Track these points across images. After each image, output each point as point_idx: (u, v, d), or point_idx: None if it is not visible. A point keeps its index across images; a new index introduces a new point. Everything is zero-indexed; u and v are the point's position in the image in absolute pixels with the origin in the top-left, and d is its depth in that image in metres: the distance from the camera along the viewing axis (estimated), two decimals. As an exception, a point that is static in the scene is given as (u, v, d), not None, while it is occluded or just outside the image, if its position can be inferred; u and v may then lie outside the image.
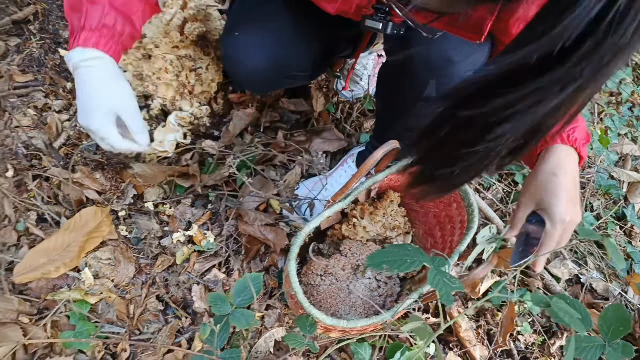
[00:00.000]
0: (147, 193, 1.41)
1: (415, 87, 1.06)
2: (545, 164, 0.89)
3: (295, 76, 1.31)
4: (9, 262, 1.24)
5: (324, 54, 1.34)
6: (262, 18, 1.19)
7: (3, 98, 1.42)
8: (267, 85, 1.36)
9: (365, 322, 0.99)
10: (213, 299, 0.91)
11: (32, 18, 1.53)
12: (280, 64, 1.20)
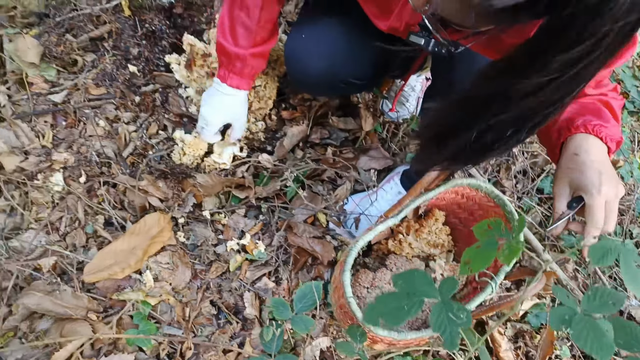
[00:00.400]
0: (206, 202, 1.49)
1: None
2: (566, 149, 0.91)
3: (350, 83, 1.38)
4: (79, 262, 1.33)
5: (378, 67, 1.40)
6: (324, 25, 1.28)
7: (79, 109, 1.54)
8: (323, 88, 1.44)
9: (415, 334, 1.03)
10: (275, 303, 0.97)
11: (106, 36, 1.66)
12: (336, 68, 1.29)
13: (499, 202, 1.24)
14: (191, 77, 1.58)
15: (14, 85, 1.58)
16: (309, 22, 1.31)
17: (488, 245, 0.72)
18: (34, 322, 1.24)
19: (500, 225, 0.77)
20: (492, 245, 0.71)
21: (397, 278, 0.79)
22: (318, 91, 1.56)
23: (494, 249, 0.70)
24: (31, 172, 1.42)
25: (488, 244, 0.73)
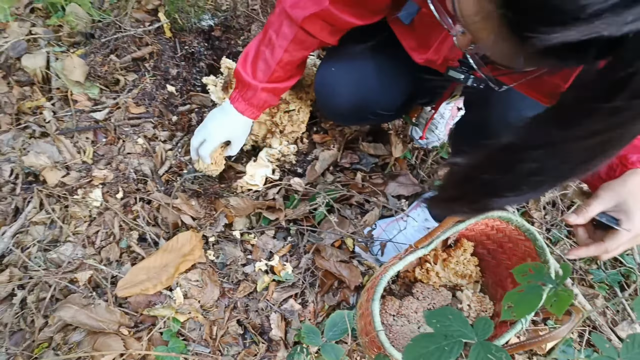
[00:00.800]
0: (236, 222, 1.52)
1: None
2: (636, 175, 0.87)
3: (378, 114, 1.40)
4: (113, 276, 1.37)
5: (407, 98, 1.42)
6: (355, 57, 1.31)
7: (119, 127, 1.59)
8: (352, 119, 1.49)
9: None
10: (307, 330, 0.98)
11: (148, 57, 1.72)
12: (365, 101, 1.32)
13: (529, 236, 1.24)
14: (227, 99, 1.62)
15: (58, 101, 1.65)
16: (339, 54, 1.33)
17: (532, 291, 0.72)
18: (68, 333, 1.28)
19: (543, 270, 0.77)
20: (536, 290, 0.71)
21: (431, 317, 0.79)
22: (347, 122, 1.60)
23: (538, 295, 0.70)
24: (72, 187, 1.47)
25: (532, 289, 0.73)
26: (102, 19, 1.74)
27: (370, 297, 1.13)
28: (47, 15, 1.86)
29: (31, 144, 1.54)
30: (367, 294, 1.30)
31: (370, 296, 1.17)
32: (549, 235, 1.75)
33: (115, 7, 1.79)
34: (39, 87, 1.67)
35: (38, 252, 1.40)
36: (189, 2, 1.71)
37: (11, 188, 1.49)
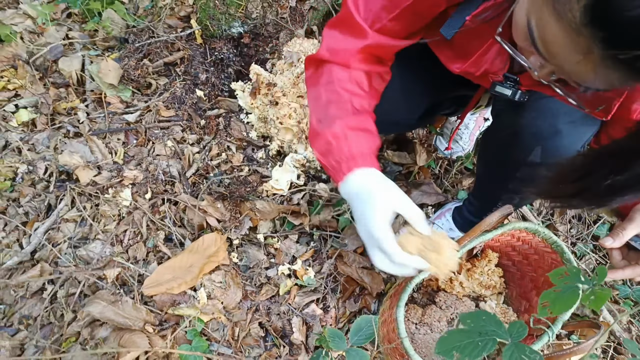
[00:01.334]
0: (261, 226, 1.54)
1: (520, 153, 1.09)
2: None
3: (398, 123, 1.39)
4: (139, 274, 1.40)
5: (429, 107, 1.42)
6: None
7: (149, 129, 1.63)
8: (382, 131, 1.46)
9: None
10: (332, 334, 0.99)
11: (179, 62, 1.77)
12: (386, 111, 1.21)
13: (556, 248, 1.23)
14: (254, 105, 1.65)
15: (92, 103, 1.70)
16: None
17: (569, 290, 0.72)
18: (95, 329, 1.31)
19: (579, 273, 0.77)
20: (574, 290, 0.71)
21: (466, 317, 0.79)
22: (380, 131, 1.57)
23: (575, 294, 0.70)
24: (103, 186, 1.51)
25: (568, 289, 0.73)
26: (137, 24, 1.79)
27: (394, 304, 1.13)
28: (84, 20, 1.92)
29: (65, 144, 1.59)
30: (390, 300, 1.30)
31: (394, 303, 1.17)
32: (575, 249, 1.73)
33: (149, 13, 1.85)
34: (73, 89, 1.73)
35: (68, 249, 1.44)
36: (221, 10, 1.75)
37: (45, 185, 1.54)
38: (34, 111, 1.68)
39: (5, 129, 1.64)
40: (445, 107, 1.56)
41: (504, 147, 1.15)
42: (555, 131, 1.01)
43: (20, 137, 1.61)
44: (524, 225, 1.23)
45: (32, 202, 1.51)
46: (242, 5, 1.77)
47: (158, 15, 1.81)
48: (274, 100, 1.61)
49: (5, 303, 1.36)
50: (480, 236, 1.20)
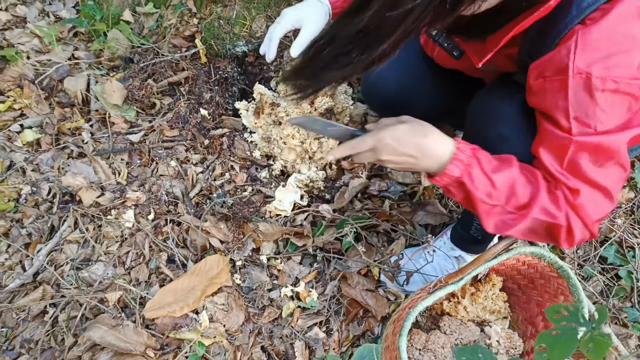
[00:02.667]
0: (264, 247, 1.53)
1: None
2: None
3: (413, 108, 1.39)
4: (141, 297, 1.39)
5: (445, 104, 1.44)
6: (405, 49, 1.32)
7: (153, 149, 1.64)
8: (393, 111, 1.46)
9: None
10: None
11: (183, 81, 1.77)
12: (408, 92, 1.38)
13: (562, 273, 1.21)
14: (258, 124, 1.65)
15: (96, 123, 1.71)
16: None
17: (567, 333, 0.70)
18: (96, 353, 1.30)
19: (578, 311, 0.75)
20: (572, 333, 0.69)
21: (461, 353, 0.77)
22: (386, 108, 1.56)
23: (574, 339, 0.68)
24: (106, 208, 1.51)
25: (567, 331, 0.71)
26: (142, 44, 1.80)
27: (397, 330, 1.12)
28: (89, 40, 1.94)
29: (69, 165, 1.59)
30: (393, 326, 1.28)
31: (397, 329, 1.16)
32: (581, 271, 1.71)
33: (154, 33, 1.85)
34: (78, 109, 1.74)
35: (70, 271, 1.43)
36: (225, 29, 1.75)
37: (48, 207, 1.54)
38: (39, 131, 1.69)
39: (10, 149, 1.64)
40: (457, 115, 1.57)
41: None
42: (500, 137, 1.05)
43: (24, 158, 1.62)
44: (529, 250, 1.21)
45: (35, 223, 1.51)
46: (246, 25, 1.78)
47: (163, 35, 1.82)
48: (277, 120, 1.61)
49: (7, 326, 1.36)
50: (485, 263, 1.18)
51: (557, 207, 0.92)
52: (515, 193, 0.95)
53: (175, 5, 1.80)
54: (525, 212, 0.94)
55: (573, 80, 0.80)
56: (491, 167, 0.96)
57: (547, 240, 0.99)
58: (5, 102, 1.73)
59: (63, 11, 2.08)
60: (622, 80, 0.78)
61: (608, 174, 0.88)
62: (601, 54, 0.78)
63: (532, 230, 0.97)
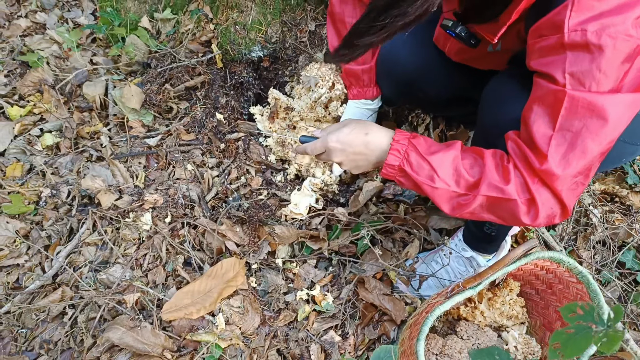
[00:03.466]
0: (279, 250, 1.54)
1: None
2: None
3: (429, 96, 1.47)
4: (158, 299, 1.40)
5: (457, 92, 1.45)
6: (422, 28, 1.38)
7: (170, 153, 1.65)
8: (407, 92, 1.52)
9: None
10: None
11: (199, 86, 1.79)
12: (422, 71, 1.40)
13: (582, 279, 1.20)
14: (272, 128, 1.66)
15: (114, 127, 1.73)
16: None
17: (581, 331, 0.70)
18: (114, 354, 1.31)
19: (593, 310, 0.74)
20: (586, 331, 0.69)
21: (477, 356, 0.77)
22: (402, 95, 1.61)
23: (588, 337, 0.67)
24: (124, 210, 1.53)
25: (581, 330, 0.70)
26: (159, 49, 1.82)
27: (415, 335, 1.11)
28: (107, 45, 1.97)
29: (88, 168, 1.61)
30: (410, 330, 1.27)
31: (414, 334, 1.15)
32: (599, 276, 1.69)
33: (171, 38, 1.88)
34: (97, 113, 1.76)
35: (89, 273, 1.45)
36: (241, 35, 1.77)
37: (67, 209, 1.56)
38: (58, 135, 1.72)
39: (30, 152, 1.67)
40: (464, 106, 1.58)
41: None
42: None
43: (44, 161, 1.65)
44: (548, 255, 1.21)
45: (55, 225, 1.54)
46: (262, 30, 1.80)
47: (180, 40, 1.84)
48: (292, 124, 1.62)
49: (27, 327, 1.37)
50: (504, 268, 1.18)
51: (505, 180, 0.94)
52: (460, 174, 0.99)
53: (192, 11, 1.82)
54: (476, 191, 0.97)
55: (569, 37, 0.81)
56: (429, 151, 1.01)
57: (511, 220, 1.00)
58: (25, 107, 1.76)
59: (81, 18, 2.12)
60: (618, 36, 0.79)
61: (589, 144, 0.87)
62: (595, 11, 0.79)
63: (490, 210, 1.01)
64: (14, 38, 2.01)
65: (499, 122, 1.06)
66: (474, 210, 1.01)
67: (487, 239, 1.42)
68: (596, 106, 0.83)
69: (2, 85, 1.83)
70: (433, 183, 1.00)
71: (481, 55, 1.20)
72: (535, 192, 0.92)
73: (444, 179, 0.99)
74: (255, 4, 1.76)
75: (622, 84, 0.83)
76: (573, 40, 0.81)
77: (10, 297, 1.41)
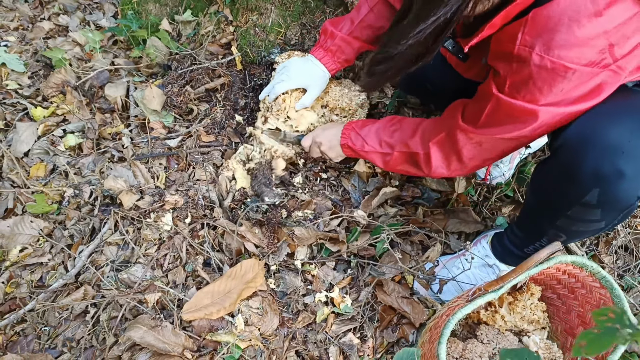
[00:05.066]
0: (298, 252, 1.54)
1: (576, 192, 1.05)
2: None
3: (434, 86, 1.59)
4: (179, 299, 1.41)
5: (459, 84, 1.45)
6: None
7: (190, 154, 1.67)
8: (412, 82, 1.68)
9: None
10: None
11: (219, 88, 1.80)
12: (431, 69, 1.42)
13: (605, 284, 1.18)
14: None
15: (135, 128, 1.75)
16: None
17: (608, 332, 0.70)
18: (135, 353, 1.32)
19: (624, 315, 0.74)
20: (612, 332, 0.69)
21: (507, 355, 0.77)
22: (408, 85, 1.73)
23: (613, 336, 0.68)
24: (145, 211, 1.54)
25: (608, 331, 0.70)
26: (180, 51, 1.84)
27: (435, 338, 1.11)
28: (128, 47, 1.99)
29: (110, 168, 1.63)
30: (430, 333, 1.27)
31: (434, 337, 1.15)
32: (621, 281, 1.67)
33: (191, 40, 1.90)
34: (118, 115, 1.78)
35: (110, 272, 1.47)
36: (261, 37, 1.78)
37: (90, 209, 1.58)
38: (81, 136, 1.74)
39: (53, 152, 1.70)
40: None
41: (560, 183, 1.10)
42: (618, 172, 0.97)
43: (67, 161, 1.67)
44: (571, 259, 1.19)
45: (77, 225, 1.56)
46: (281, 32, 1.81)
47: (200, 42, 1.86)
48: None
49: (50, 325, 1.39)
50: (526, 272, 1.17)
51: (415, 140, 1.29)
52: (382, 138, 1.36)
53: (212, 13, 1.84)
54: (393, 149, 1.33)
55: (517, 51, 0.92)
56: (362, 127, 1.41)
57: (414, 169, 1.34)
58: (49, 108, 1.79)
59: (103, 20, 2.15)
60: (557, 62, 0.88)
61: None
62: (545, 31, 0.87)
63: (406, 162, 1.34)
64: (37, 40, 2.04)
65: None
66: (395, 164, 1.36)
67: (525, 259, 1.39)
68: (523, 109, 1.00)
69: (26, 87, 1.86)
70: (364, 148, 1.40)
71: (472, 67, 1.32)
72: (432, 152, 1.25)
73: (371, 144, 1.38)
74: (275, 7, 1.77)
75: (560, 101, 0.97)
76: (519, 55, 0.93)
77: (34, 295, 1.43)
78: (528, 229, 1.35)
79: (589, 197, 1.03)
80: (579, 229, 1.16)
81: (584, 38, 0.85)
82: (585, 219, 1.10)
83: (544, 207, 1.27)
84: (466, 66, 1.32)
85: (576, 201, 1.07)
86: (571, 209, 1.11)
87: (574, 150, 1.01)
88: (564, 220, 1.15)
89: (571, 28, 0.85)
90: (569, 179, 1.04)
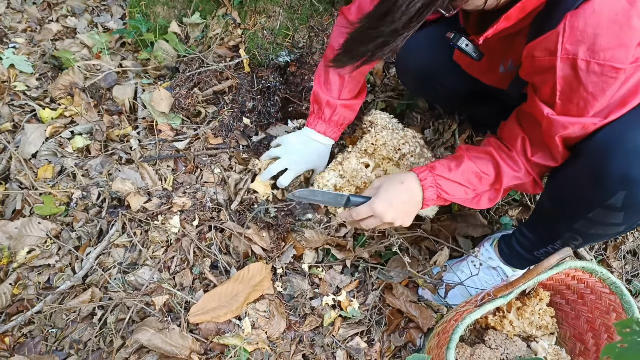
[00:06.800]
0: (305, 255, 1.54)
1: (600, 195, 1.03)
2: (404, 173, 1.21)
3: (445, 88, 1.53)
4: (186, 301, 1.41)
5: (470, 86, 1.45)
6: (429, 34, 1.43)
7: (197, 156, 1.67)
8: (423, 84, 1.59)
9: None
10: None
11: (227, 90, 1.81)
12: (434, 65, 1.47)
13: (615, 289, 1.18)
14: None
15: (143, 130, 1.75)
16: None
17: (636, 347, 0.68)
18: (142, 356, 1.32)
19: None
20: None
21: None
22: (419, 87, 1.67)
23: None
24: (152, 213, 1.54)
25: (635, 345, 0.69)
26: (187, 54, 1.84)
27: (444, 343, 1.10)
28: (136, 50, 2.00)
29: (118, 170, 1.64)
30: (437, 338, 1.26)
31: (442, 342, 1.14)
32: (630, 286, 1.65)
33: (199, 43, 1.90)
34: (126, 117, 1.79)
35: (118, 274, 1.47)
36: (269, 40, 1.78)
37: (97, 211, 1.58)
38: (89, 137, 1.74)
39: (61, 154, 1.70)
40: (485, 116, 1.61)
41: (583, 186, 1.09)
42: None
43: (75, 163, 1.67)
44: (580, 265, 1.18)
45: (85, 227, 1.56)
46: (289, 35, 1.81)
47: (208, 45, 1.86)
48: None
49: (57, 327, 1.39)
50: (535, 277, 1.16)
51: (518, 170, 1.15)
52: (480, 177, 1.16)
53: (220, 15, 1.85)
54: (498, 187, 1.17)
55: (560, 62, 0.90)
56: (451, 173, 1.16)
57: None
58: (57, 110, 1.80)
59: (110, 22, 2.16)
60: (605, 64, 0.86)
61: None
62: (586, 37, 0.85)
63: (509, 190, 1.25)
64: (45, 42, 2.05)
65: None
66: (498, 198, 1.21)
67: (534, 262, 1.38)
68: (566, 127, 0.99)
69: (34, 88, 1.87)
70: (468, 195, 1.18)
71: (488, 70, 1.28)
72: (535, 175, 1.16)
73: (473, 187, 1.17)
74: (283, 9, 1.77)
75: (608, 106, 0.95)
76: (564, 66, 0.91)
77: (41, 297, 1.43)
78: (541, 231, 1.32)
79: (614, 200, 1.01)
80: (597, 232, 1.13)
81: (627, 37, 0.84)
82: (606, 222, 1.07)
83: (562, 209, 1.22)
84: (482, 69, 1.30)
85: (599, 204, 1.04)
86: (592, 212, 1.08)
87: (601, 152, 0.98)
88: (583, 222, 1.12)
89: (612, 29, 0.83)
90: (594, 180, 1.01)
